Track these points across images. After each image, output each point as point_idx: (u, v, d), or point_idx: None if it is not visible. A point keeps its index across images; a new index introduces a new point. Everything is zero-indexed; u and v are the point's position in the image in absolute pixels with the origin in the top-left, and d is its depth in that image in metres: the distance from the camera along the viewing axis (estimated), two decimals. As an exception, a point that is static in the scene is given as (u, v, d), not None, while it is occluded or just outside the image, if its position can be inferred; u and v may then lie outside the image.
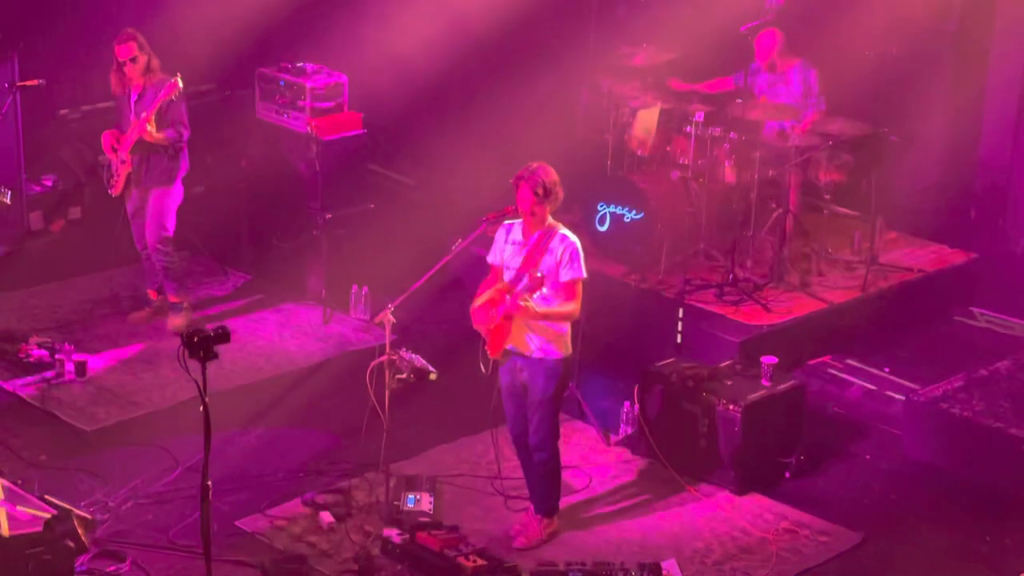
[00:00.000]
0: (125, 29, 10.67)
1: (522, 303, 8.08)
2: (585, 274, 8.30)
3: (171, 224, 10.92)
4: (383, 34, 12.97)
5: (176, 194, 10.89)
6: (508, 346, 8.38)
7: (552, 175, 8.22)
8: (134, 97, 10.67)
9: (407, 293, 8.59)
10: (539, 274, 8.07)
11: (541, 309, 8.16)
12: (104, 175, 10.97)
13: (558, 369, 8.39)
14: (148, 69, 10.59)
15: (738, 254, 11.30)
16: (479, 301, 8.42)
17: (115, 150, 10.76)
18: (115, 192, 10.89)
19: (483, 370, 8.50)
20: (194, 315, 11.10)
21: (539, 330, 8.32)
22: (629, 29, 13.04)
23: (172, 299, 11.10)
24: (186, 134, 10.74)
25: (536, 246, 8.28)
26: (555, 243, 8.26)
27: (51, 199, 12.31)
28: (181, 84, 10.49)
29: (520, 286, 8.16)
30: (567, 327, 8.39)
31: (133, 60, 10.55)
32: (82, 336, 11.01)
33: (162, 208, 10.84)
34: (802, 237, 11.63)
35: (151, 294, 11.22)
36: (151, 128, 10.49)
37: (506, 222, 8.46)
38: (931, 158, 12.92)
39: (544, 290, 8.11)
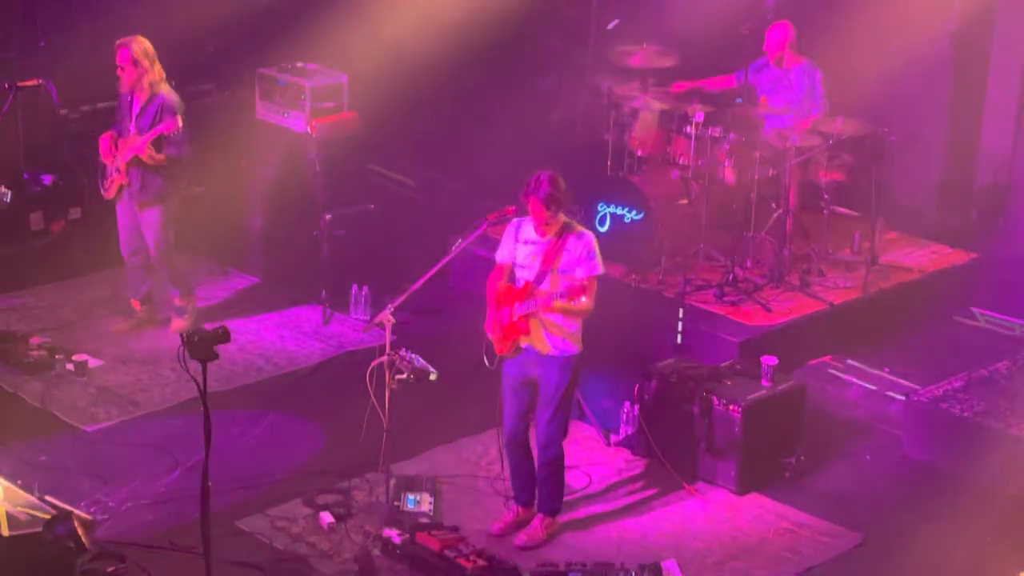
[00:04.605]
0: (134, 36, 10.51)
1: (556, 304, 8.15)
2: (602, 270, 8.33)
3: (170, 235, 10.86)
4: (383, 34, 12.97)
5: (171, 209, 10.82)
6: (523, 344, 8.39)
7: (558, 184, 8.22)
8: (136, 106, 10.60)
9: (407, 293, 8.59)
10: (579, 282, 8.09)
11: (576, 306, 8.19)
12: (99, 176, 10.92)
13: (572, 364, 8.43)
14: (139, 82, 10.47)
15: (738, 254, 11.30)
16: (491, 309, 8.44)
17: (112, 156, 10.71)
18: (108, 196, 10.83)
19: (487, 364, 8.52)
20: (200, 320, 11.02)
21: (557, 329, 8.35)
22: (629, 29, 13.05)
23: (178, 303, 11.07)
24: (186, 152, 10.64)
25: (554, 245, 8.30)
26: (571, 242, 8.30)
27: (51, 199, 12.31)
28: (180, 124, 10.35)
29: (548, 288, 8.18)
30: (579, 323, 8.42)
31: (122, 68, 10.48)
32: (82, 336, 11.01)
33: (158, 224, 10.75)
34: (802, 237, 11.63)
35: (134, 304, 11.15)
36: (150, 151, 10.44)
37: (514, 219, 8.47)
38: (931, 158, 12.93)
39: (584, 299, 8.13)
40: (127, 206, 10.82)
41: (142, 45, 10.46)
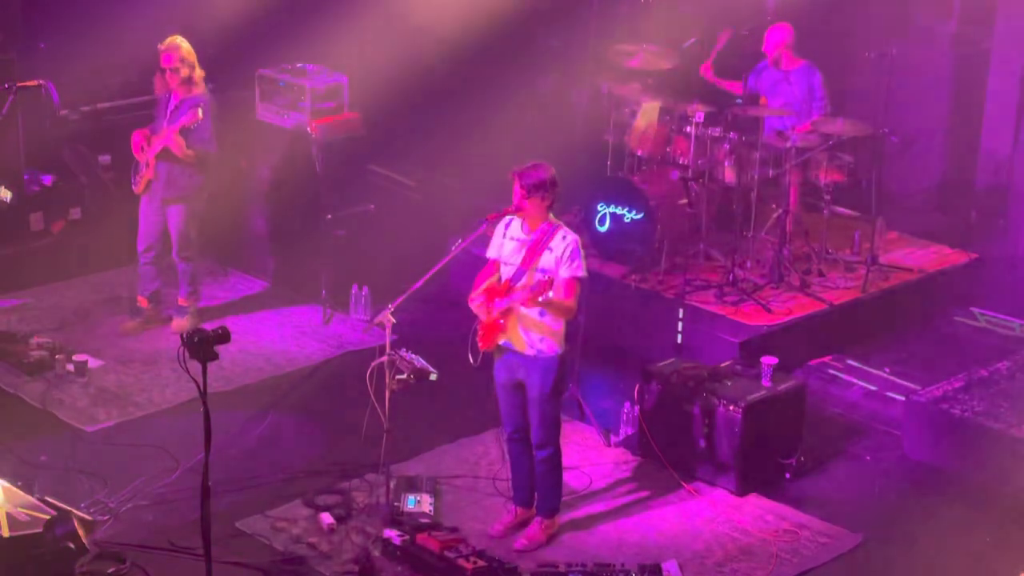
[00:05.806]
0: (173, 36, 10.63)
1: (526, 298, 8.10)
2: (585, 273, 8.31)
3: (193, 234, 10.95)
4: (383, 34, 12.96)
5: (196, 208, 10.91)
6: (502, 342, 8.38)
7: (542, 172, 8.22)
8: (172, 104, 10.66)
9: (407, 293, 8.59)
10: (547, 277, 8.06)
11: (541, 299, 8.15)
12: (132, 171, 10.98)
13: (554, 365, 8.39)
14: (187, 81, 10.58)
15: (738, 254, 11.30)
16: (478, 292, 8.45)
17: (143, 150, 10.78)
18: (138, 190, 10.95)
19: (472, 362, 8.51)
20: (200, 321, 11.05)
21: (534, 327, 8.32)
22: (629, 29, 13.05)
23: (181, 302, 11.11)
24: (214, 148, 10.75)
25: (537, 243, 8.28)
26: (556, 241, 8.27)
27: (51, 199, 12.31)
28: (201, 114, 10.43)
29: (525, 284, 8.17)
30: (561, 323, 8.39)
31: (174, 70, 10.57)
32: (82, 336, 11.01)
33: (181, 221, 10.88)
34: (802, 237, 11.63)
35: (141, 302, 11.18)
36: (179, 143, 10.53)
37: (505, 218, 8.47)
38: (931, 158, 12.94)
39: (550, 294, 8.13)
40: (151, 201, 10.89)
41: (186, 46, 10.55)
